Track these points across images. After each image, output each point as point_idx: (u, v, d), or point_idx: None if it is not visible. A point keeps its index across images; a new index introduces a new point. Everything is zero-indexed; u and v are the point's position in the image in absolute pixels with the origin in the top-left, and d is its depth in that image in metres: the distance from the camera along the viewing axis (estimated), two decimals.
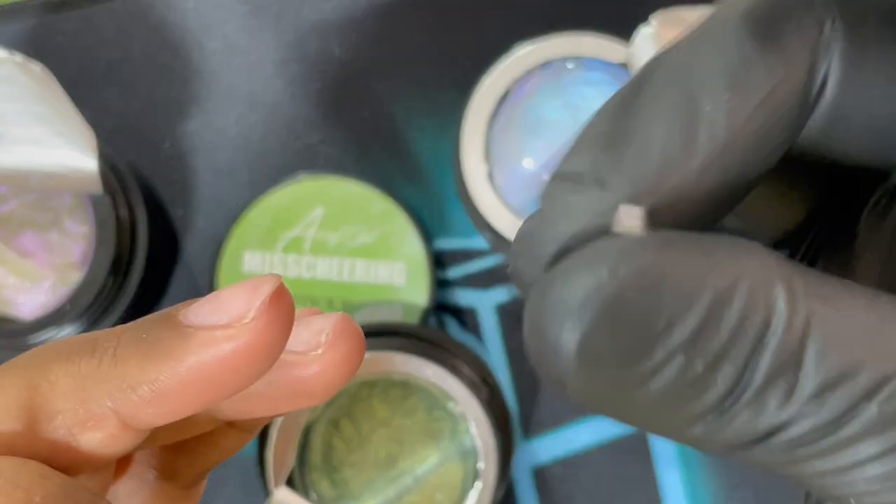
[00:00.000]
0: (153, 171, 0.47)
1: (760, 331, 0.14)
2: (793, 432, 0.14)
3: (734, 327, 0.14)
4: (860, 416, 0.14)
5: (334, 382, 0.20)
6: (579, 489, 0.47)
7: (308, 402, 0.20)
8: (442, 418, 0.42)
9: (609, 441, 0.47)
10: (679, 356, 0.14)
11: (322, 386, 0.20)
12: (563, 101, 0.42)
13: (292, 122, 0.47)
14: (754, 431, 0.14)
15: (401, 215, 0.46)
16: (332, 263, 0.46)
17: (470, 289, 0.47)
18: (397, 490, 0.42)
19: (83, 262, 0.41)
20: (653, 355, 0.14)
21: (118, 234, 0.40)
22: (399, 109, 0.47)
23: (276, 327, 0.18)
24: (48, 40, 0.46)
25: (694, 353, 0.14)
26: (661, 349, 0.14)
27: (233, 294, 0.18)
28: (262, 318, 0.18)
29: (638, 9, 0.39)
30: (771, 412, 0.14)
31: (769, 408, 0.14)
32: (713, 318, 0.14)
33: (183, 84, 0.47)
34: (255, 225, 0.45)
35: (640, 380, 0.14)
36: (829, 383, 0.14)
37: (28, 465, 0.18)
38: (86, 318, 0.41)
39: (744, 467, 0.47)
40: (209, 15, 0.47)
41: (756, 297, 0.14)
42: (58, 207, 0.41)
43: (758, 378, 0.14)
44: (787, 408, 0.14)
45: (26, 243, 0.41)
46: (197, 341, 0.18)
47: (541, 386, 0.47)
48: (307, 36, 0.47)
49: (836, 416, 0.14)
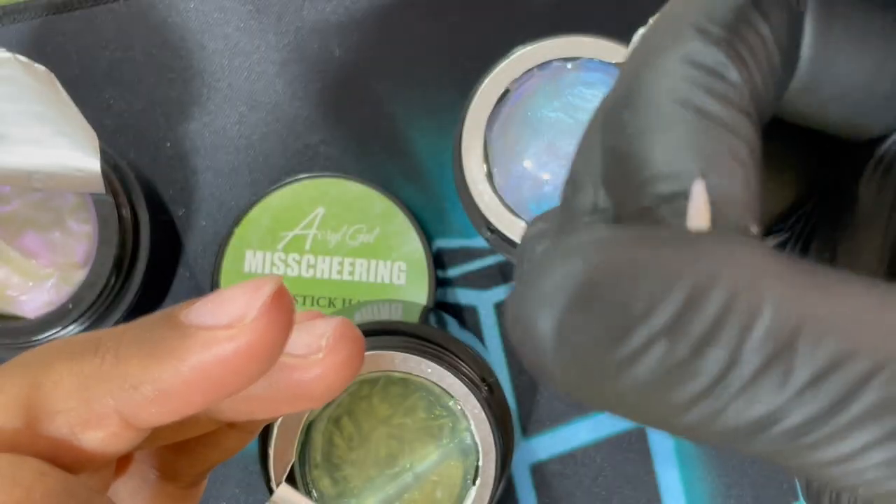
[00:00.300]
0: (154, 170, 0.47)
1: (748, 318, 0.14)
2: (789, 422, 0.14)
3: (718, 313, 0.14)
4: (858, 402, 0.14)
5: (334, 386, 0.20)
6: (578, 486, 0.48)
7: (308, 405, 0.20)
8: (442, 416, 0.42)
9: (607, 438, 0.48)
10: (660, 341, 0.14)
11: (322, 389, 0.20)
12: (562, 101, 0.42)
13: (293, 122, 0.47)
14: (749, 421, 0.14)
15: (401, 215, 0.46)
16: (332, 263, 0.46)
17: (470, 288, 0.47)
18: (398, 488, 0.42)
19: (86, 262, 0.41)
20: (631, 340, 0.14)
21: (120, 234, 0.41)
22: (399, 109, 0.47)
23: (276, 327, 0.18)
24: (50, 40, 0.46)
25: (676, 338, 0.14)
26: (640, 334, 0.14)
27: (234, 294, 0.18)
28: (262, 318, 0.18)
29: (637, 11, 0.39)
30: (765, 401, 0.14)
31: (763, 396, 0.14)
32: (695, 303, 0.14)
33: (184, 84, 0.47)
34: (257, 224, 0.46)
35: (620, 366, 0.14)
36: (825, 370, 0.14)
37: (28, 462, 0.18)
38: (89, 317, 0.41)
39: (742, 465, 0.48)
40: (210, 15, 0.47)
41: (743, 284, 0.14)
42: (60, 207, 0.42)
43: (748, 365, 0.14)
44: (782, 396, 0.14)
45: (29, 243, 0.41)
46: (199, 341, 0.18)
47: (539, 384, 0.48)
48: (308, 36, 0.47)
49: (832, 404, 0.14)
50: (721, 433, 0.14)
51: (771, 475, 0.48)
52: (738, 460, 0.48)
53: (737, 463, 0.48)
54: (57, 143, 0.38)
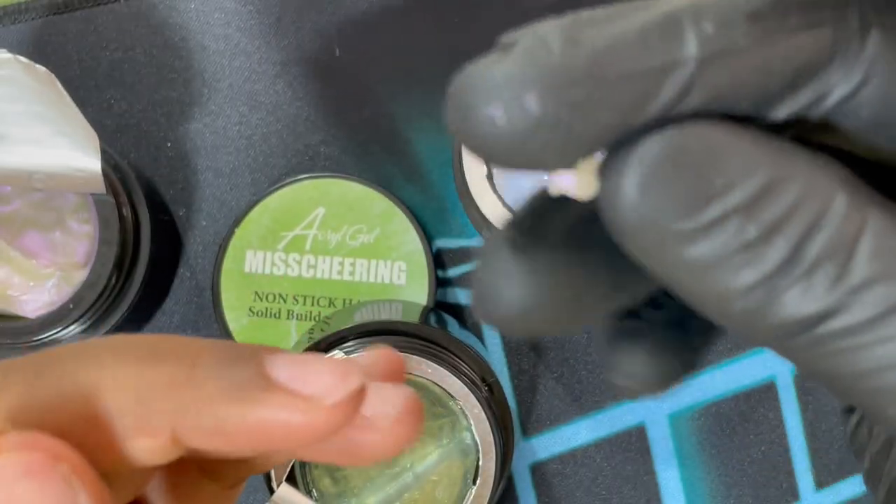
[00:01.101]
0: (155, 171, 0.47)
1: (816, 215, 0.15)
2: (838, 322, 0.15)
3: (792, 204, 0.14)
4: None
5: (384, 454, 0.20)
6: (578, 486, 0.48)
7: (351, 462, 0.20)
8: (442, 416, 0.42)
9: (607, 438, 0.48)
10: (734, 219, 0.15)
11: (372, 453, 0.20)
12: None
13: (293, 122, 0.47)
14: (800, 315, 0.15)
15: (401, 215, 0.46)
16: (332, 263, 0.46)
17: (470, 288, 0.47)
18: (398, 487, 0.42)
19: (87, 262, 0.41)
20: (705, 212, 0.15)
21: (121, 234, 0.41)
22: (399, 109, 0.47)
23: (346, 418, 0.18)
24: (51, 41, 0.46)
25: (749, 219, 0.15)
26: (716, 206, 0.15)
27: (321, 370, 0.18)
28: (340, 407, 0.18)
29: None
30: (819, 295, 0.15)
31: (817, 290, 0.15)
32: (772, 191, 0.15)
33: (185, 85, 0.47)
34: (257, 224, 0.46)
35: (690, 236, 0.15)
36: (878, 277, 0.14)
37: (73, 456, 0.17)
38: (89, 317, 0.41)
39: (742, 465, 0.48)
40: (211, 16, 0.47)
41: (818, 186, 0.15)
42: (61, 207, 0.42)
43: (808, 257, 0.15)
44: (834, 293, 0.15)
45: (30, 243, 0.42)
46: (275, 401, 0.18)
47: (539, 384, 0.48)
48: (308, 37, 0.47)
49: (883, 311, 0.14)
50: (771, 326, 0.15)
51: (771, 475, 0.48)
52: (738, 460, 0.48)
53: (737, 463, 0.48)
54: (58, 144, 0.38)
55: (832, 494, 0.48)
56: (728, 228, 0.15)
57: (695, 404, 0.48)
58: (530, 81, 0.14)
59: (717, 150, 0.15)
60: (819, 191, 0.15)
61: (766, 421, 0.48)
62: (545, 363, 0.48)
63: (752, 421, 0.48)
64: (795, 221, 0.15)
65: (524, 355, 0.48)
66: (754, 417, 0.48)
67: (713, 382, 0.48)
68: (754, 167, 0.15)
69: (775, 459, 0.48)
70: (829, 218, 0.15)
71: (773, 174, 0.15)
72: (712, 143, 0.15)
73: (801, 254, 0.15)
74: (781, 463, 0.48)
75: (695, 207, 0.15)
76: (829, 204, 0.15)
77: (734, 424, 0.48)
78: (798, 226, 0.15)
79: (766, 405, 0.48)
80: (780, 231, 0.15)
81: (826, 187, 0.15)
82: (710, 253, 0.15)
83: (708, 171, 0.15)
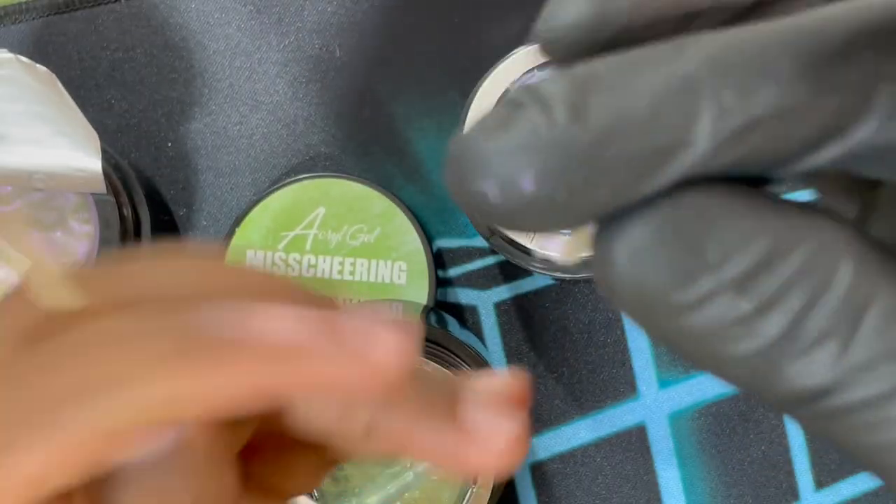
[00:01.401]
0: (156, 171, 0.47)
1: (817, 288, 0.14)
2: (841, 399, 0.14)
3: (791, 277, 0.14)
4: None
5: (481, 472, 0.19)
6: (578, 485, 0.48)
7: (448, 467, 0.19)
8: None
9: (607, 438, 0.48)
10: (728, 292, 0.14)
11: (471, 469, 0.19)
12: None
13: (293, 122, 0.47)
14: (802, 388, 0.14)
15: (401, 215, 0.46)
16: (333, 263, 0.46)
17: (470, 287, 0.47)
18: (398, 486, 0.42)
19: (87, 262, 0.41)
20: (697, 286, 0.14)
21: (122, 234, 0.41)
22: (399, 109, 0.47)
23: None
24: (51, 41, 0.46)
25: (742, 295, 0.14)
26: (708, 280, 0.14)
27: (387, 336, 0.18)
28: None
29: None
30: (820, 371, 0.14)
31: (818, 366, 0.14)
32: (770, 263, 0.14)
33: (185, 85, 0.47)
34: (257, 224, 0.46)
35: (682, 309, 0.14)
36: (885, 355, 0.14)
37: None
38: None
39: (742, 465, 0.48)
40: (212, 16, 0.47)
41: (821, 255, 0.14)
42: (62, 207, 0.42)
43: (808, 333, 0.14)
44: (837, 369, 0.14)
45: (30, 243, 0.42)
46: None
47: (539, 384, 0.48)
48: (309, 37, 0.47)
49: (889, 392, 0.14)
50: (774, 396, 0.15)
51: (771, 475, 0.48)
52: (738, 460, 0.48)
53: (737, 463, 0.48)
54: (58, 144, 0.38)
55: (832, 494, 0.48)
56: (721, 302, 0.14)
57: (695, 404, 0.48)
58: (527, 162, 0.14)
59: (713, 220, 0.14)
60: (822, 261, 0.14)
61: (766, 420, 0.48)
62: (545, 363, 0.48)
63: (751, 421, 0.48)
64: (794, 295, 0.14)
65: (524, 355, 0.48)
66: (754, 417, 0.48)
67: (713, 382, 0.48)
68: (751, 238, 0.14)
69: (775, 459, 0.48)
70: (833, 290, 0.14)
71: (772, 245, 0.14)
72: (707, 213, 0.14)
73: (801, 329, 0.14)
74: (781, 463, 0.48)
75: (686, 281, 0.14)
76: (833, 275, 0.14)
77: (734, 424, 0.48)
78: (797, 300, 0.14)
79: (766, 405, 0.48)
80: (776, 306, 0.14)
81: (830, 256, 0.14)
82: (706, 323, 0.14)
83: (700, 243, 0.14)
